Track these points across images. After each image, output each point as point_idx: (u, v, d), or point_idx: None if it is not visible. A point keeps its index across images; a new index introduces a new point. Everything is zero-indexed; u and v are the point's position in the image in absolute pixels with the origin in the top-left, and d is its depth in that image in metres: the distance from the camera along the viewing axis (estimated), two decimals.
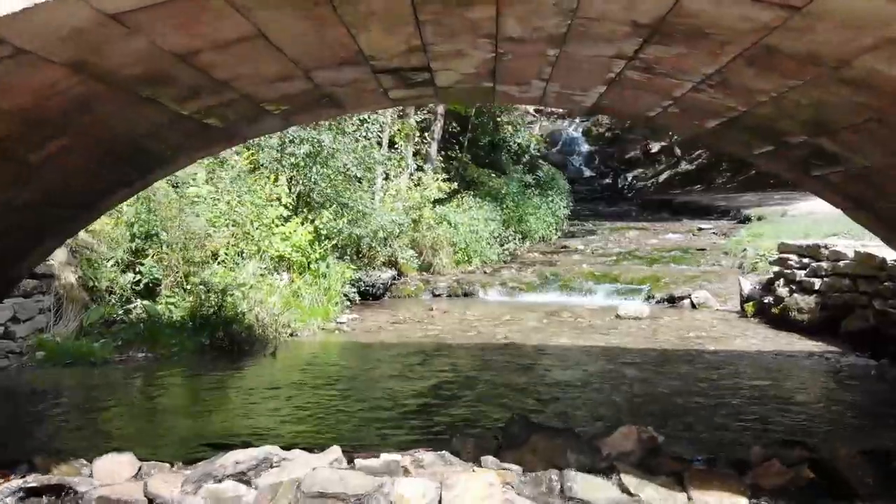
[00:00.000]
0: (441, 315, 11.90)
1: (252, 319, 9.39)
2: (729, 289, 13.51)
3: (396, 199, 15.21)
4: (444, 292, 14.35)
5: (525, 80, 5.58)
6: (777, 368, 8.28)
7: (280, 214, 11.00)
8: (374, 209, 12.54)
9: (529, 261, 17.60)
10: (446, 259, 15.79)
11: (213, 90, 4.88)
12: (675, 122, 6.19)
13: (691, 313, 12.22)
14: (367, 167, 12.64)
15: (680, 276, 14.59)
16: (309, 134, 11.18)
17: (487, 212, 17.96)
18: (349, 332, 10.44)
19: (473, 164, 21.47)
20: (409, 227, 14.84)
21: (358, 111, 6.65)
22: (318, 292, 11.16)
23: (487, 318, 11.48)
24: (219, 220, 10.28)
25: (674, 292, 13.47)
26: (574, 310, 12.42)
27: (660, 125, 6.46)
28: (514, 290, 14.34)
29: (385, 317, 11.70)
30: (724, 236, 21.67)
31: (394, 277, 14.32)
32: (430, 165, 17.54)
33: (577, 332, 10.44)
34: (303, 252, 11.05)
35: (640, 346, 9.44)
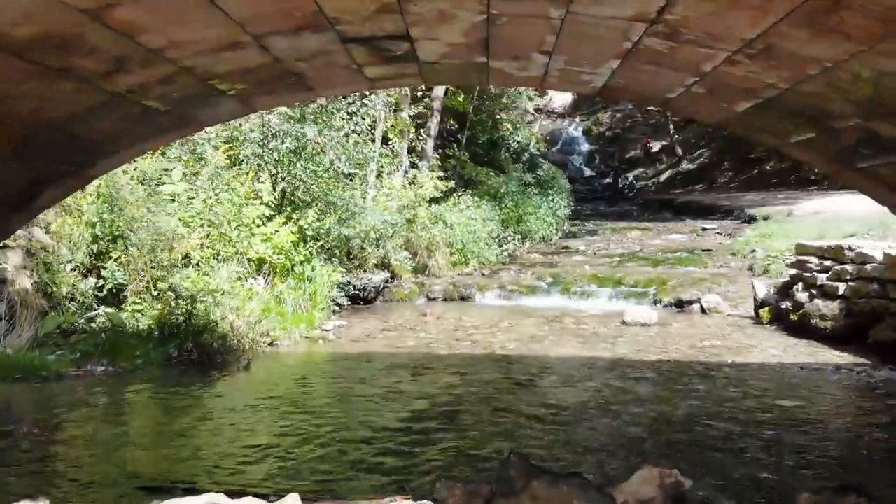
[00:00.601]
0: (435, 321, 10.95)
1: (226, 328, 8.45)
2: (740, 292, 12.56)
3: (391, 198, 14.28)
4: (439, 296, 13.40)
5: (524, 52, 4.63)
6: (804, 385, 7.33)
7: (261, 214, 10.05)
8: (365, 208, 11.58)
9: (529, 262, 16.65)
10: (442, 260, 14.84)
11: (144, 61, 3.95)
12: (698, 104, 5.26)
13: (702, 319, 11.27)
14: (357, 164, 11.68)
15: (687, 279, 13.63)
16: (293, 127, 10.23)
17: (486, 211, 17.01)
18: (334, 342, 9.49)
19: (472, 163, 20.51)
20: (403, 226, 13.90)
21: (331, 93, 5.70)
22: (302, 297, 10.22)
23: (484, 325, 10.54)
24: (193, 219, 9.34)
25: (682, 296, 12.52)
26: (576, 315, 11.47)
27: (679, 109, 5.45)
28: (512, 293, 13.39)
29: (375, 323, 10.75)
30: (729, 237, 20.77)
31: (387, 280, 13.37)
32: (426, 163, 16.58)
33: (581, 340, 9.49)
34: (286, 254, 10.10)
35: (650, 357, 8.50)
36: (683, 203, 30.99)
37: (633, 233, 22.56)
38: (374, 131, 13.46)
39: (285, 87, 5.07)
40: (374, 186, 14.44)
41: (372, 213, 11.75)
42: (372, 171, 14.51)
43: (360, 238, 11.43)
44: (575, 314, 11.58)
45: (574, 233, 22.67)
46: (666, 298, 12.60)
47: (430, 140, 16.72)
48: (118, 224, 8.35)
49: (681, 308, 12.22)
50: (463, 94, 20.19)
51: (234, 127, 10.49)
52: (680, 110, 5.69)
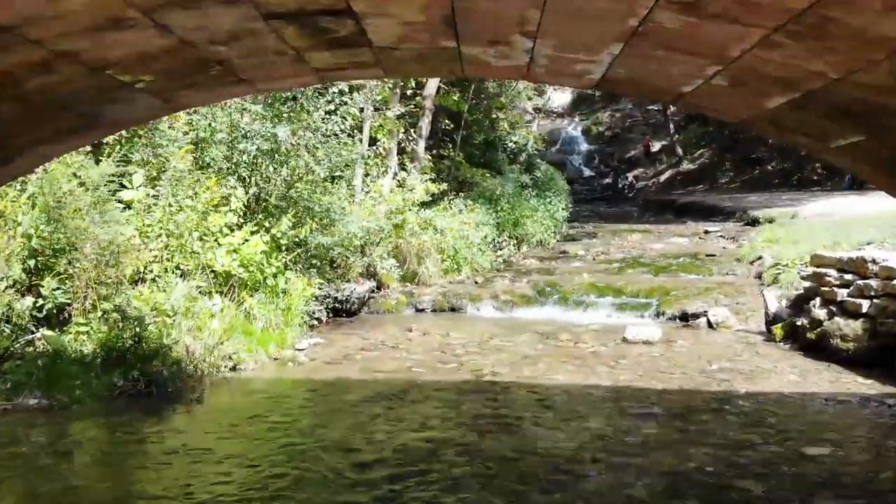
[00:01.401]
0: (420, 338, 9.92)
1: (181, 353, 7.44)
2: (749, 304, 11.53)
3: (378, 202, 13.26)
4: (428, 307, 12.37)
5: (501, 34, 3.61)
6: (831, 424, 6.30)
7: (229, 222, 9.03)
8: (347, 214, 10.54)
9: (525, 268, 15.61)
10: (433, 268, 13.81)
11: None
12: (719, 100, 4.23)
13: (709, 335, 10.24)
14: (337, 167, 10.64)
15: (691, 288, 12.60)
16: (264, 127, 9.20)
17: (480, 215, 15.98)
18: (305, 364, 8.44)
19: (467, 164, 19.48)
20: (390, 232, 12.89)
21: (272, 87, 4.68)
22: (274, 313, 9.20)
23: (473, 344, 9.51)
24: (151, 229, 8.33)
25: (686, 308, 11.49)
26: (574, 330, 10.44)
27: (693, 105, 4.36)
28: (506, 304, 12.35)
29: (355, 340, 9.72)
30: (732, 240, 19.75)
31: (372, 290, 12.35)
32: (418, 165, 15.56)
33: (578, 363, 8.46)
34: (256, 266, 9.09)
35: (654, 385, 7.47)
36: (685, 204, 29.96)
37: (633, 236, 21.55)
38: (359, 131, 12.43)
39: (211, 80, 4.05)
40: (360, 190, 13.44)
41: (351, 219, 10.69)
42: (358, 174, 13.50)
43: (340, 246, 10.40)
44: (572, 329, 10.54)
45: (573, 236, 21.64)
46: (669, 311, 11.57)
47: (421, 141, 15.70)
48: (58, 236, 7.32)
49: (686, 322, 11.18)
50: (458, 92, 19.17)
51: (203, 127, 9.49)
52: (694, 107, 4.68)
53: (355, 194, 13.37)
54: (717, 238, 20.60)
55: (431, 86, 15.75)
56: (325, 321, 10.81)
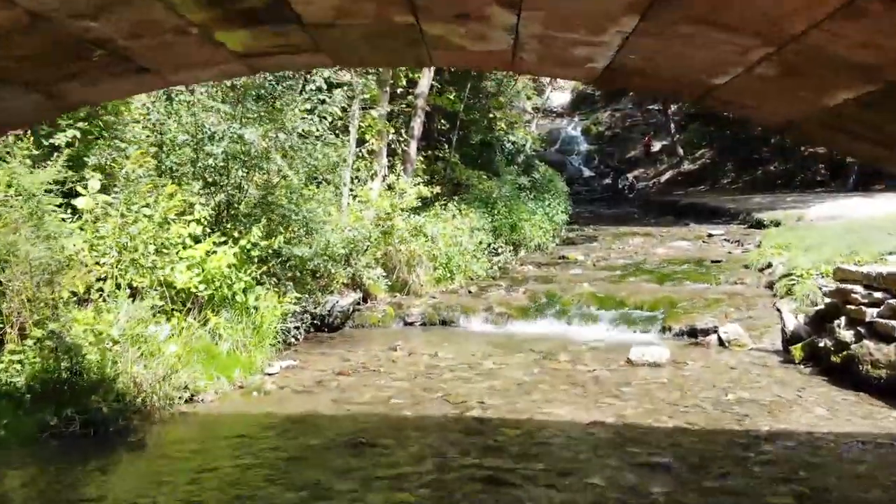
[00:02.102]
0: (405, 359, 8.91)
1: (127, 384, 6.44)
2: (763, 318, 10.53)
3: (366, 208, 12.26)
4: (417, 320, 11.36)
5: (473, 5, 2.62)
6: (875, 476, 5.28)
7: (192, 233, 8.03)
8: (326, 222, 9.53)
9: (522, 276, 14.59)
10: (425, 276, 12.81)
11: None
12: (760, 96, 3.22)
13: (721, 356, 9.21)
14: (316, 170, 9.61)
15: (699, 299, 11.58)
16: (231, 128, 8.19)
17: (475, 219, 14.96)
18: (273, 394, 7.42)
19: (463, 165, 18.44)
20: (378, 240, 11.89)
21: (185, 77, 3.70)
22: (243, 332, 8.21)
23: (462, 366, 8.49)
24: (102, 243, 7.33)
25: (695, 322, 10.47)
26: (574, 348, 9.44)
27: (725, 102, 3.20)
28: (501, 317, 11.34)
29: (333, 361, 8.71)
30: (737, 244, 18.74)
31: (358, 302, 11.35)
32: (409, 167, 14.55)
33: (578, 392, 7.44)
34: (223, 281, 8.09)
35: (665, 422, 6.45)
36: (687, 205, 28.90)
37: (634, 239, 20.54)
38: (342, 133, 11.42)
39: (97, 69, 3.04)
40: (348, 195, 12.44)
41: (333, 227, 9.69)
42: (345, 177, 12.49)
43: (319, 257, 9.39)
44: (572, 347, 9.54)
45: (572, 239, 20.62)
46: (676, 325, 10.56)
47: (412, 142, 14.67)
48: None
49: (694, 338, 10.17)
50: (454, 91, 18.16)
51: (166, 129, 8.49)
52: (722, 106, 3.66)
53: (342, 199, 12.39)
54: (721, 242, 19.59)
55: (423, 84, 14.74)
56: (305, 337, 9.83)
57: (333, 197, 12.22)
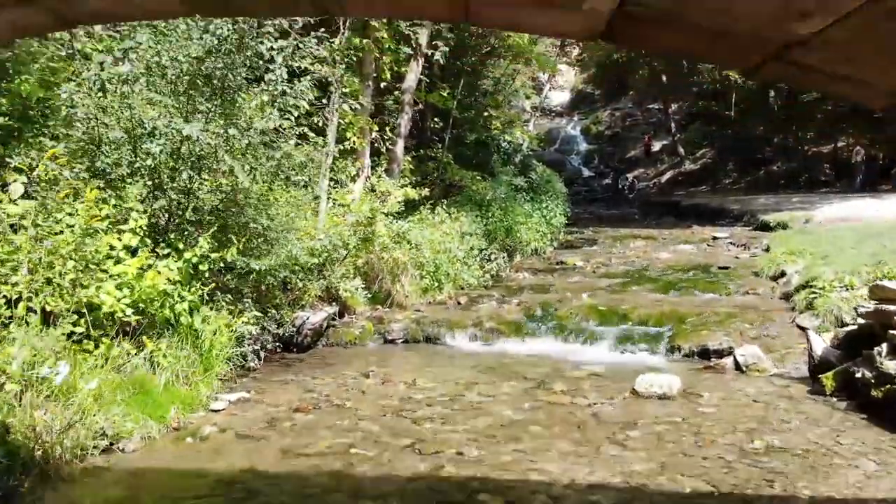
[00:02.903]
0: (378, 388, 7.57)
1: (25, 434, 5.13)
2: (782, 337, 9.20)
3: (347, 212, 10.94)
4: (399, 337, 10.02)
5: None
6: None
7: (127, 245, 6.71)
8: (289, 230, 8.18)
9: (517, 284, 13.26)
10: (410, 287, 11.48)
11: None
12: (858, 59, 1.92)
13: (738, 383, 7.86)
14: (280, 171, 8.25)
15: (709, 313, 10.25)
16: (175, 123, 6.84)
17: (466, 223, 13.63)
18: (212, 440, 6.06)
19: (456, 166, 17.07)
20: (357, 247, 10.56)
21: None
22: (187, 360, 6.89)
23: (442, 399, 7.14)
24: (11, 258, 6.01)
25: (707, 341, 9.14)
26: (571, 374, 8.10)
27: (808, 71, 1.65)
28: (491, 334, 10.00)
29: (293, 393, 7.37)
30: (744, 248, 17.43)
31: (333, 317, 10.02)
32: (396, 167, 13.22)
33: (576, 437, 6.09)
34: (163, 300, 6.77)
35: (681, 482, 5.11)
36: (688, 206, 27.56)
37: (636, 242, 19.21)
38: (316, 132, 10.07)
39: None
40: (326, 198, 11.12)
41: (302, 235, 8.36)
42: (324, 177, 11.17)
43: (281, 270, 8.06)
44: (569, 372, 8.21)
45: (571, 242, 19.29)
46: (686, 345, 9.22)
47: (399, 140, 13.32)
48: None
49: (706, 360, 8.85)
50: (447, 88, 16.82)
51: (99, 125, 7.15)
52: (808, 73, 2.33)
53: (321, 203, 11.06)
54: (726, 245, 18.27)
55: (411, 78, 13.38)
56: (269, 359, 8.52)
57: (310, 201, 10.91)
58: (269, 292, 8.71)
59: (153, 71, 7.16)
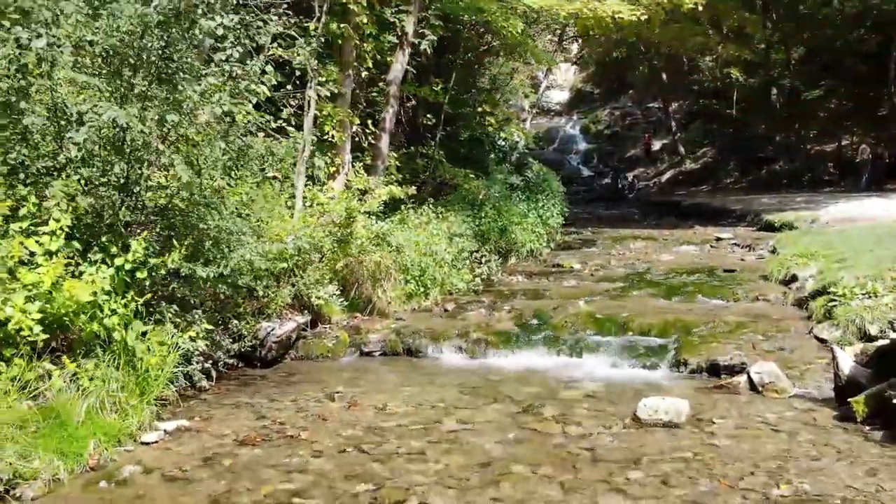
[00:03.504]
0: (342, 415, 6.47)
1: None
2: (799, 350, 8.12)
3: (319, 212, 9.88)
4: (376, 349, 8.94)
5: None
6: None
7: (48, 250, 5.64)
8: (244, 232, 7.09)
9: (510, 289, 12.18)
10: (392, 292, 10.40)
11: None
12: None
13: (755, 407, 6.76)
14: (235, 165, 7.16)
15: (718, 322, 9.17)
16: (99, 108, 5.76)
17: (455, 223, 12.54)
18: (132, 483, 4.95)
19: (449, 163, 15.97)
20: (333, 250, 9.50)
21: None
22: (119, 383, 5.82)
23: (415, 428, 6.04)
24: None
25: (717, 356, 8.04)
26: (565, 396, 7.01)
27: None
28: (478, 346, 8.91)
29: (244, 419, 6.28)
30: (749, 249, 16.37)
31: (305, 326, 8.94)
32: (381, 164, 12.14)
33: (568, 479, 4.99)
34: (90, 313, 5.71)
35: None
36: (690, 206, 26.48)
37: (636, 243, 18.14)
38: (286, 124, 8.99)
39: None
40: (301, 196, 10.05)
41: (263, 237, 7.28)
42: (300, 175, 10.10)
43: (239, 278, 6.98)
44: (563, 392, 7.13)
45: (569, 243, 18.22)
46: (693, 359, 8.12)
47: (384, 135, 12.22)
48: None
49: (716, 376, 7.75)
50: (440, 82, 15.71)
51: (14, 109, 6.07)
52: None
53: (297, 201, 10.00)
54: (730, 246, 17.20)
55: (396, 69, 12.27)
56: (226, 376, 7.46)
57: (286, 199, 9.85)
58: (229, 301, 7.65)
59: (82, 49, 6.09)
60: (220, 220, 6.63)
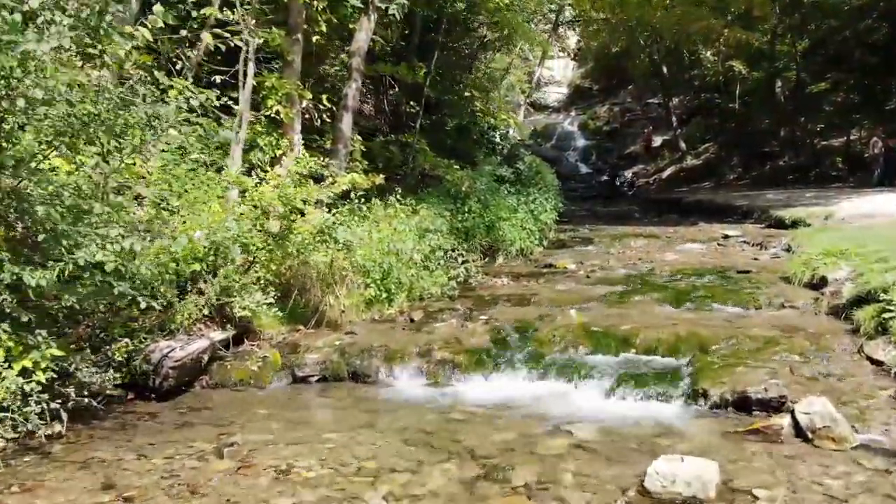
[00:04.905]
0: (227, 479, 4.38)
1: None
2: (852, 377, 6.05)
3: (257, 201, 7.81)
4: (314, 373, 6.84)
5: None
6: None
7: None
8: (92, 221, 5.02)
9: (492, 293, 10.08)
10: (348, 299, 8.33)
11: None
12: None
13: (807, 465, 4.66)
14: (97, 131, 5.11)
15: (740, 336, 7.10)
16: None
17: (429, 218, 10.46)
18: None
19: (432, 153, 13.87)
20: (269, 247, 7.46)
21: None
22: None
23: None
24: None
25: (745, 385, 5.92)
26: (545, 450, 4.92)
27: None
28: (443, 367, 6.82)
29: (80, 492, 4.23)
30: (760, 247, 14.23)
31: (226, 343, 6.88)
32: (343, 148, 10.06)
33: None
34: None
35: None
36: (692, 203, 24.29)
37: (637, 241, 15.99)
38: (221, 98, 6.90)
39: None
40: (234, 183, 8.00)
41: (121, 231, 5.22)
42: (235, 157, 8.05)
43: (94, 287, 4.92)
44: (543, 442, 5.06)
45: (563, 242, 16.08)
46: (715, 389, 6.01)
47: (346, 115, 10.10)
48: None
49: (747, 413, 5.67)
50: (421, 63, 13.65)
51: None
52: None
53: (230, 189, 7.96)
54: (740, 244, 15.06)
55: (360, 38, 10.13)
56: (95, 414, 5.41)
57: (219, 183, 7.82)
58: (113, 315, 5.60)
59: None
60: (53, 206, 4.54)
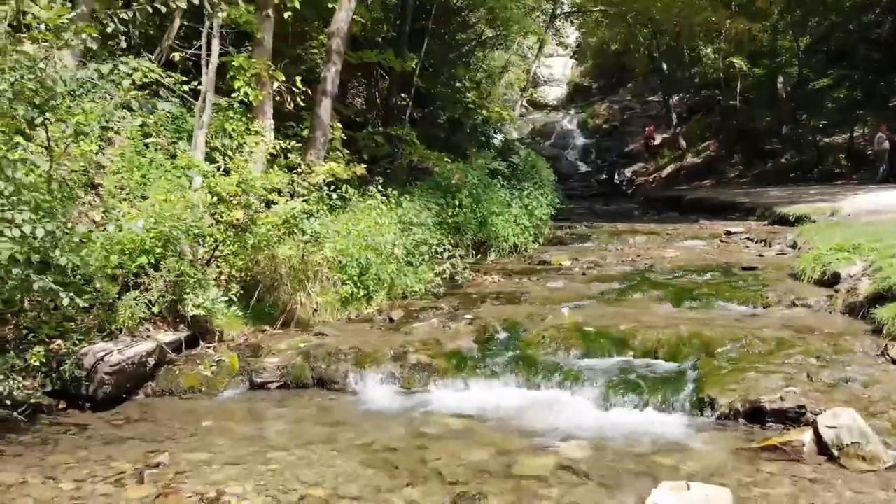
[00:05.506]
0: None
1: None
2: (877, 384, 5.25)
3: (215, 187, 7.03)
4: (275, 378, 6.06)
5: None
6: None
7: None
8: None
9: (480, 291, 9.30)
10: (321, 297, 7.55)
11: None
12: None
13: (834, 489, 3.87)
14: None
15: (749, 338, 6.32)
16: None
17: (413, 210, 9.68)
18: None
19: (422, 146, 13.10)
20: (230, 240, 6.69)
21: None
22: None
23: None
24: None
25: (758, 392, 5.13)
26: (528, 471, 4.13)
27: None
28: (419, 372, 6.04)
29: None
30: (765, 244, 13.44)
31: (176, 346, 6.10)
32: (322, 136, 9.28)
33: None
34: None
35: None
36: (693, 200, 23.47)
37: (636, 238, 15.21)
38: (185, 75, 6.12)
39: None
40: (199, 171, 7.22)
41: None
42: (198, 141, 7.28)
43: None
44: (527, 462, 4.27)
45: (560, 238, 15.29)
46: (723, 398, 5.22)
47: (325, 100, 9.30)
48: None
49: (760, 426, 4.89)
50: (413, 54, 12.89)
51: None
52: None
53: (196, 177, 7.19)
54: (743, 241, 14.27)
55: (340, 17, 9.34)
56: (39, 420, 4.65)
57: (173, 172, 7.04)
58: (36, 313, 4.83)
59: None
60: None
